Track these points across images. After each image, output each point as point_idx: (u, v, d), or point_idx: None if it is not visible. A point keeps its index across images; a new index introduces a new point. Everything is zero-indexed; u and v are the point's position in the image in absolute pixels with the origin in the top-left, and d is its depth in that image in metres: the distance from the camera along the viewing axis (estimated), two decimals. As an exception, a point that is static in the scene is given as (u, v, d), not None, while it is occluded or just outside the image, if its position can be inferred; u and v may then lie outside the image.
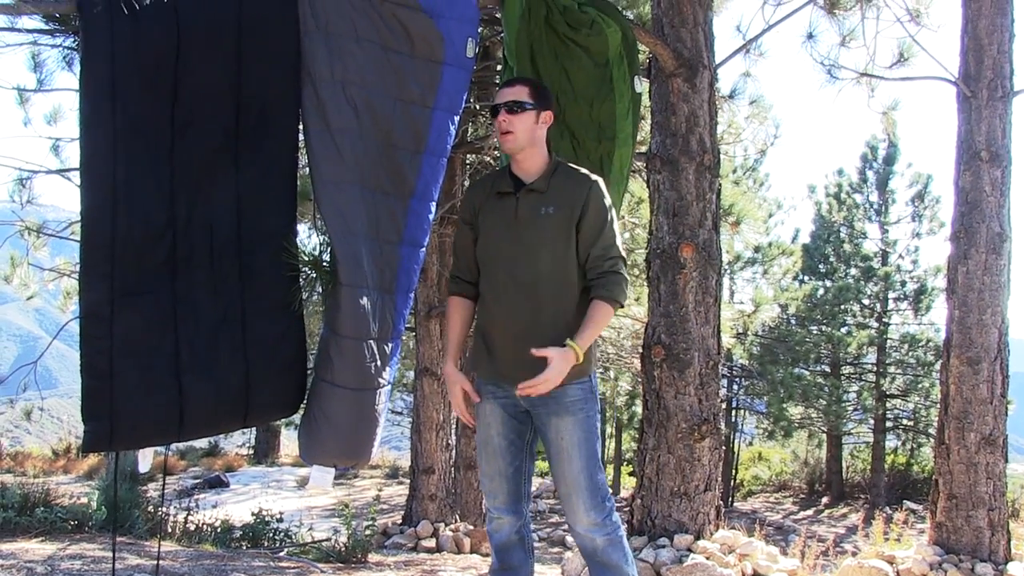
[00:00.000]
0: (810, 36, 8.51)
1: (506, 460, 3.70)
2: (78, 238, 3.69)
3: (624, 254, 3.61)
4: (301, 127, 3.99)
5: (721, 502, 6.17)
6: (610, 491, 3.69)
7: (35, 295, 11.24)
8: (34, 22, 4.10)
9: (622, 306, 3.59)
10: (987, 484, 6.09)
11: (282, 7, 3.88)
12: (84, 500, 8.48)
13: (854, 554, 6.67)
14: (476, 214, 3.77)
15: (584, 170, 3.71)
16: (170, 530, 8.29)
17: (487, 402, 3.73)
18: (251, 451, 28.06)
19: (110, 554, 5.86)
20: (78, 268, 3.61)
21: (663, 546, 5.71)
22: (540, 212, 3.56)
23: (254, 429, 26.51)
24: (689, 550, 5.67)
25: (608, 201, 3.63)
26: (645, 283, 6.99)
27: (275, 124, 3.93)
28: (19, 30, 4.39)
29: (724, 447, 24.67)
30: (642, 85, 5.08)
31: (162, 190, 3.66)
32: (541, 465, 18.91)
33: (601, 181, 3.66)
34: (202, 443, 26.10)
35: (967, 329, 6.23)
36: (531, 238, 3.56)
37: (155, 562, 5.63)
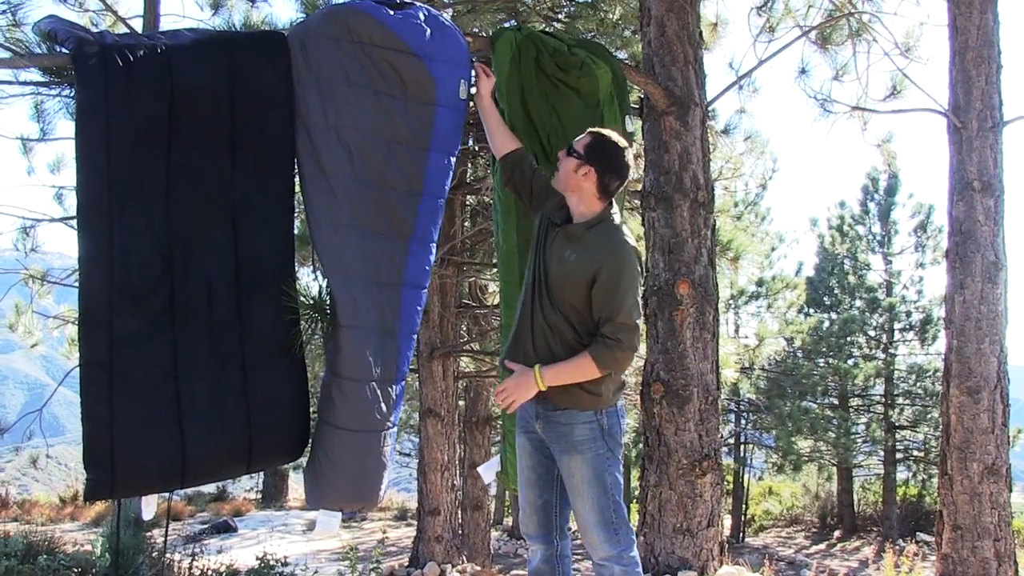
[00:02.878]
0: (803, 71, 8.57)
1: (535, 492, 3.86)
2: (80, 286, 3.73)
3: (635, 322, 3.61)
4: (296, 171, 4.05)
5: (725, 538, 6.16)
6: (630, 525, 3.77)
7: (39, 343, 11.26)
8: (33, 74, 4.17)
9: (608, 372, 3.63)
10: (992, 514, 6.07)
11: (274, 55, 3.95)
12: (89, 547, 8.45)
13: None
14: (544, 202, 3.98)
15: (624, 236, 3.71)
16: (175, 576, 8.26)
17: (521, 435, 3.91)
18: (259, 495, 27.93)
19: (114, 601, 5.84)
20: (78, 317, 3.65)
21: (667, 583, 5.70)
22: (564, 253, 3.69)
23: (262, 473, 26.43)
24: (693, 586, 5.66)
25: (630, 270, 3.63)
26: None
27: (270, 170, 3.99)
28: (21, 82, 4.46)
29: (734, 482, 24.59)
30: (633, 124, 5.14)
31: (158, 238, 3.71)
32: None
33: (631, 250, 3.67)
34: (210, 488, 25.95)
35: (966, 359, 6.24)
36: (551, 272, 3.71)
37: (159, 608, 5.62)
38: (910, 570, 6.92)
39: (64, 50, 3.64)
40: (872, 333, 24.81)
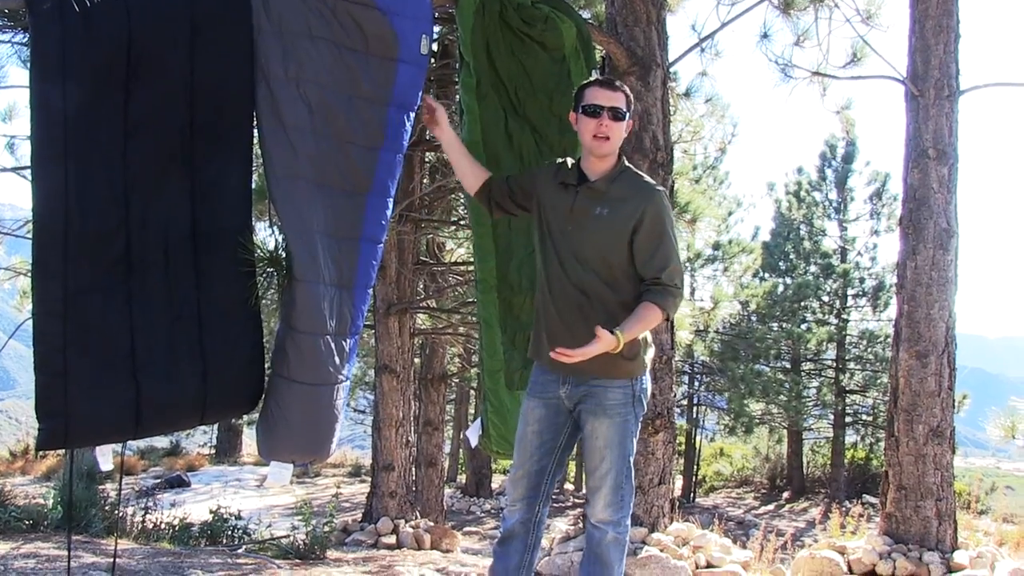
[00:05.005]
0: (764, 35, 8.60)
1: (534, 459, 3.82)
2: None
3: (682, 269, 3.65)
4: (255, 124, 4.01)
5: (676, 496, 6.26)
6: (633, 494, 3.80)
7: (-11, 294, 11.10)
8: (-15, 19, 4.08)
9: (668, 318, 3.64)
10: (935, 475, 6.22)
11: (235, 5, 3.88)
12: (40, 500, 8.41)
13: (811, 547, 6.77)
14: (534, 183, 3.87)
15: (649, 180, 3.75)
16: (128, 529, 8.24)
17: (532, 399, 3.84)
18: (213, 450, 27.87)
19: (65, 552, 5.83)
20: (31, 267, 3.60)
21: (618, 539, 5.78)
22: (595, 211, 3.62)
23: (216, 428, 26.34)
24: (643, 543, 5.74)
25: (669, 215, 3.66)
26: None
27: (229, 122, 3.94)
28: (-29, 27, 4.35)
29: (686, 443, 24.94)
30: (600, 80, 5.14)
31: (115, 188, 3.66)
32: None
33: (664, 194, 3.69)
34: (163, 442, 25.89)
35: (915, 323, 6.35)
36: (580, 234, 3.63)
37: (111, 559, 5.61)
38: (855, 530, 7.08)
39: (18, -7, 3.57)
40: (826, 298, 25.20)
